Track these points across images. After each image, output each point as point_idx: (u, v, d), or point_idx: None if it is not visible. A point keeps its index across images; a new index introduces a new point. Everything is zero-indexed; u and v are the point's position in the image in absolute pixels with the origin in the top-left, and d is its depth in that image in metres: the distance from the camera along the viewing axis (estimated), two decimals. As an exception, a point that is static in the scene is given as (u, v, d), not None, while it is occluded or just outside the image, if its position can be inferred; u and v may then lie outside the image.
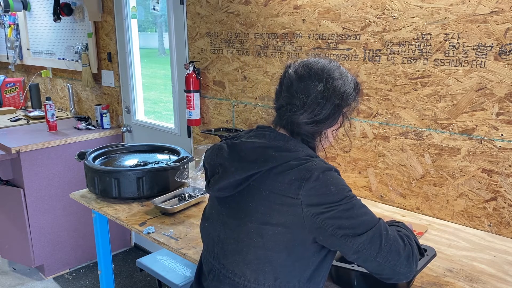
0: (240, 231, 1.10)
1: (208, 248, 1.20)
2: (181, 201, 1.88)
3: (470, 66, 1.56)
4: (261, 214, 1.06)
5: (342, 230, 1.01)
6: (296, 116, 1.11)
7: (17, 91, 4.01)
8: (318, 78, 1.11)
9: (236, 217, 1.11)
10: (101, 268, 2.07)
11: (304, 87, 1.11)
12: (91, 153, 2.11)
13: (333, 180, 1.04)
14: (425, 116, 1.71)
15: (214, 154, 1.16)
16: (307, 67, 1.13)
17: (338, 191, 1.03)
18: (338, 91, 1.11)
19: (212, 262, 1.18)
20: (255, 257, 1.07)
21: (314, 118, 1.10)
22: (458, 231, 1.63)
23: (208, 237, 1.20)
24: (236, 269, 1.11)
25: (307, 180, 1.02)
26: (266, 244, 1.05)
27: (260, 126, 1.18)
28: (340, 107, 1.12)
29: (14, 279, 3.12)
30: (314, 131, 1.12)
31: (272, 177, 1.05)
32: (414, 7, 1.65)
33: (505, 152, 1.54)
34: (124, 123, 3.28)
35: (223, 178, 1.10)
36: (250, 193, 1.08)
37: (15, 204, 2.92)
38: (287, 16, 2.06)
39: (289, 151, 1.07)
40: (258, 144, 1.10)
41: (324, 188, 1.02)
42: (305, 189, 1.01)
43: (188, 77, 2.47)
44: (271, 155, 1.06)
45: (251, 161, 1.07)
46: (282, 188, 1.03)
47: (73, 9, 3.34)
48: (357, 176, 1.97)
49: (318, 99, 1.10)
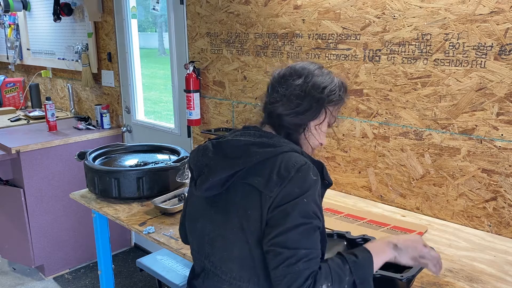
0: (226, 227, 1.10)
1: (199, 249, 1.20)
2: (181, 201, 1.88)
3: (470, 66, 1.56)
4: (243, 209, 1.07)
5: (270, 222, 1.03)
6: (276, 106, 1.15)
7: (17, 91, 4.01)
8: (298, 74, 1.16)
9: (224, 213, 1.12)
10: (101, 268, 2.07)
11: (284, 82, 1.17)
12: (91, 153, 2.11)
13: (302, 180, 1.04)
14: (425, 116, 1.71)
15: (199, 155, 1.17)
16: (289, 68, 1.20)
17: (300, 193, 1.02)
18: (317, 86, 1.14)
19: (203, 261, 1.18)
20: (239, 253, 1.08)
21: (293, 110, 1.13)
22: (458, 231, 1.63)
23: (199, 237, 1.19)
24: (223, 265, 1.11)
25: (283, 180, 1.03)
26: (248, 240, 1.06)
27: (245, 126, 1.21)
28: (321, 101, 1.14)
29: (14, 279, 3.12)
30: (295, 123, 1.15)
31: (254, 172, 1.07)
32: (414, 7, 1.65)
33: (505, 152, 1.54)
34: (124, 123, 3.28)
35: (209, 177, 1.10)
36: (235, 189, 1.10)
37: (15, 204, 2.92)
38: (287, 16, 2.06)
39: (273, 146, 1.09)
40: (243, 141, 1.11)
41: (290, 187, 1.03)
42: (279, 189, 1.03)
43: (188, 77, 2.47)
44: (255, 151, 1.08)
45: (235, 158, 1.09)
46: (260, 183, 1.05)
47: (73, 9, 3.34)
48: (357, 176, 1.97)
49: (296, 90, 1.14)
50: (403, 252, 1.12)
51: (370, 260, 1.06)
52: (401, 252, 1.12)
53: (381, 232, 1.60)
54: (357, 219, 1.71)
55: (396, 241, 1.13)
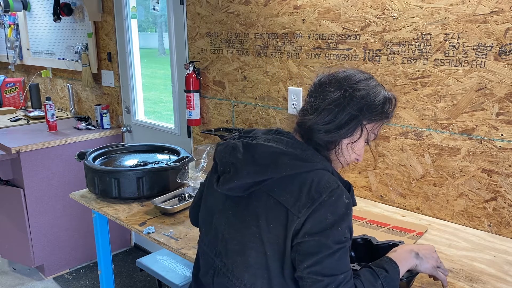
0: (244, 233, 1.08)
1: (211, 244, 1.18)
2: (181, 201, 1.88)
3: (470, 66, 1.56)
4: (265, 220, 1.04)
5: (301, 256, 0.99)
6: (307, 119, 1.08)
7: (17, 91, 4.01)
8: (338, 85, 1.08)
9: (242, 219, 1.09)
10: (101, 268, 2.07)
11: (321, 92, 1.09)
12: (91, 153, 2.11)
13: (335, 205, 1.00)
14: (425, 116, 1.71)
15: (227, 152, 1.11)
16: (331, 75, 1.11)
17: (333, 221, 0.99)
18: (356, 102, 1.06)
19: (213, 258, 1.16)
20: (255, 262, 1.06)
21: (325, 126, 1.06)
22: (458, 231, 1.63)
23: (213, 232, 1.17)
24: (236, 270, 1.10)
25: (313, 202, 0.99)
26: (266, 252, 1.04)
27: (279, 130, 1.14)
28: (357, 118, 1.07)
29: (14, 279, 3.12)
30: (326, 140, 1.08)
31: (282, 186, 1.03)
32: (414, 7, 1.66)
33: (505, 152, 1.55)
34: (124, 123, 3.28)
35: (233, 179, 1.07)
36: (259, 198, 1.06)
37: (15, 204, 2.92)
38: (287, 16, 2.06)
39: (305, 161, 1.04)
40: (274, 149, 1.05)
41: (323, 213, 0.99)
42: (308, 210, 0.99)
43: (188, 77, 2.47)
44: (286, 162, 1.03)
45: (264, 165, 1.04)
46: (288, 201, 1.01)
47: (73, 9, 3.34)
48: (357, 176, 1.97)
49: (330, 105, 1.06)
50: (423, 261, 1.15)
51: (397, 272, 1.08)
52: (422, 260, 1.14)
53: (381, 232, 1.60)
54: (357, 219, 1.71)
55: (417, 250, 1.15)
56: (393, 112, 1.15)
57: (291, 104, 2.12)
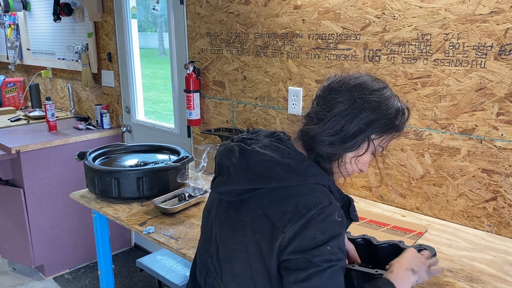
0: (233, 241, 1.05)
1: (205, 242, 1.17)
2: (181, 201, 1.88)
3: (470, 66, 1.56)
4: (252, 231, 1.00)
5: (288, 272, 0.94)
6: (311, 128, 1.02)
7: (17, 91, 4.01)
8: (348, 95, 1.01)
9: (232, 225, 1.06)
10: (101, 268, 2.07)
11: (329, 100, 1.02)
12: (91, 153, 2.11)
13: (325, 223, 0.93)
14: (425, 116, 1.71)
15: (224, 155, 1.08)
16: (343, 81, 1.04)
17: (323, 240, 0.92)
18: (365, 115, 0.99)
19: (206, 259, 1.16)
20: (240, 271, 1.03)
21: (329, 138, 1.00)
22: (458, 231, 1.63)
23: (208, 231, 1.16)
24: (224, 276, 1.08)
25: (300, 217, 0.93)
26: (251, 263, 1.00)
27: (280, 136, 1.08)
28: (365, 132, 1.00)
29: (14, 279, 3.12)
30: (329, 152, 1.02)
31: (271, 199, 0.98)
32: (414, 7, 1.65)
33: (505, 152, 1.55)
34: (124, 123, 3.28)
35: (225, 183, 1.04)
36: (247, 207, 1.02)
37: (15, 204, 2.92)
38: (287, 16, 2.06)
39: (299, 174, 0.98)
40: (269, 157, 1.00)
41: (311, 231, 0.92)
42: (294, 226, 0.93)
43: (188, 77, 2.47)
44: (278, 173, 0.97)
45: (256, 174, 0.99)
46: (275, 215, 0.96)
47: (73, 9, 3.34)
48: (357, 176, 1.97)
49: (337, 117, 0.99)
50: (419, 273, 1.09)
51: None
52: (418, 273, 1.09)
53: (381, 232, 1.60)
54: (357, 219, 1.71)
55: (409, 265, 1.09)
56: (405, 125, 1.07)
57: (291, 104, 2.12)
